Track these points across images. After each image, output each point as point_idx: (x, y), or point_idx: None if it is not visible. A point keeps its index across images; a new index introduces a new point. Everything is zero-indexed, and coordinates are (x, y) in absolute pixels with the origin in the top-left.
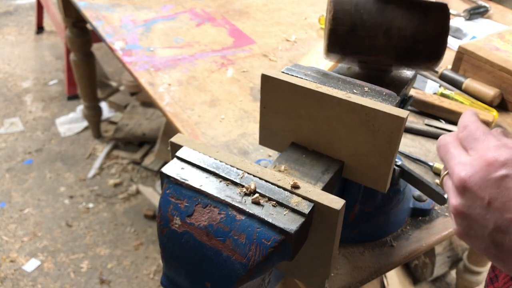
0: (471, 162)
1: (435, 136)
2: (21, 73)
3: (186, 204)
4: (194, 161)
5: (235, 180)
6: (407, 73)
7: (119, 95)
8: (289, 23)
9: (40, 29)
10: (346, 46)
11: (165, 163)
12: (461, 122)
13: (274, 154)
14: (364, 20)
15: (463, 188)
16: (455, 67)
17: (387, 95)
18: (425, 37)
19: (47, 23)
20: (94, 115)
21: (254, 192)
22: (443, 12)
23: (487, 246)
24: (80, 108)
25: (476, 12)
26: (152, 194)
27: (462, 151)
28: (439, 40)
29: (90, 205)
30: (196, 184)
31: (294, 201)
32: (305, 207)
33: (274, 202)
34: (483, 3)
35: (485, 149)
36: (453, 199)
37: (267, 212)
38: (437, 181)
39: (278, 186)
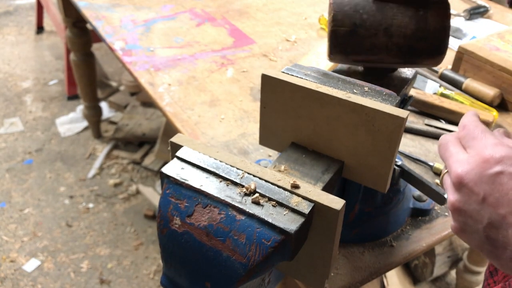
0: (468, 159)
1: (435, 136)
2: (21, 73)
3: (186, 204)
4: (194, 161)
5: (235, 180)
6: (407, 73)
7: (119, 95)
8: (289, 23)
9: (40, 29)
10: (347, 47)
11: (165, 163)
12: (461, 122)
13: (274, 154)
14: (364, 20)
15: (459, 184)
16: (455, 67)
17: (387, 95)
18: (426, 34)
19: (47, 23)
20: (94, 115)
21: (254, 192)
22: (443, 7)
23: (482, 242)
24: (80, 108)
25: (476, 12)
26: (152, 194)
27: (461, 149)
28: (441, 35)
29: (90, 205)
30: (196, 184)
31: (294, 201)
32: (305, 207)
33: (274, 202)
34: (483, 3)
35: (482, 147)
36: (451, 195)
37: (267, 212)
38: (437, 181)
39: (278, 186)
